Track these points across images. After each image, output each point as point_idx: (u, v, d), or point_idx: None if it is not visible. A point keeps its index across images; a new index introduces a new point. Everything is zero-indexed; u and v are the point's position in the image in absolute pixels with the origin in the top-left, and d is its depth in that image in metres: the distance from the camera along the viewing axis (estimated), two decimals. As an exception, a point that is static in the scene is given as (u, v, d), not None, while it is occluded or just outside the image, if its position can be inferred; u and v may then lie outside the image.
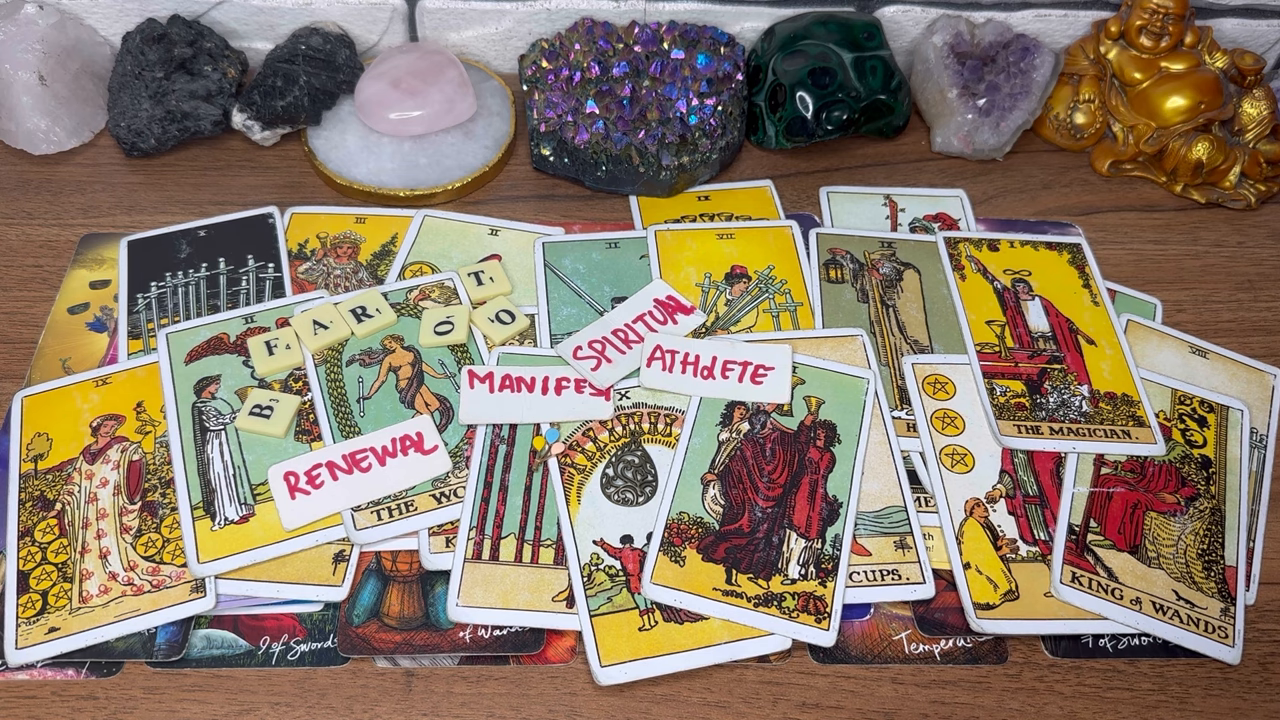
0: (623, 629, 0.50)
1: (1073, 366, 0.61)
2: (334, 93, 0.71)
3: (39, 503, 0.53)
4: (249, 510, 0.53)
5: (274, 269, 0.64)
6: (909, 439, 0.58)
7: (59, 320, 0.61)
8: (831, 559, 0.53)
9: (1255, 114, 0.73)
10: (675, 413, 0.58)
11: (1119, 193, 0.74)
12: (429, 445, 0.55)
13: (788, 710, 0.50)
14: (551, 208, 0.70)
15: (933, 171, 0.74)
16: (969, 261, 0.67)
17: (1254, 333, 0.66)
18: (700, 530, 0.53)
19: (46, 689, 0.48)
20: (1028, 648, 0.52)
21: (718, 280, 0.65)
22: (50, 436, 0.55)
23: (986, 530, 0.55)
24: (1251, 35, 0.79)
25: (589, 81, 0.71)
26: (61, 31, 0.70)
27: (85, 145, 0.71)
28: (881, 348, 0.62)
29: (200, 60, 0.71)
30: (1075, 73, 0.76)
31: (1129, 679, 0.51)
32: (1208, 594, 0.53)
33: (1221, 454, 0.59)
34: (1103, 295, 0.66)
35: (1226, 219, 0.73)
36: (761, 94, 0.73)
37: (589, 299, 0.63)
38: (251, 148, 0.72)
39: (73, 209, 0.67)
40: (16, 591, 0.50)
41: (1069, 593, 0.52)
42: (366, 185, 0.68)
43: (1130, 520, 0.56)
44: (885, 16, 0.78)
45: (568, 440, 0.57)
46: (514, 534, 0.53)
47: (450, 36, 0.78)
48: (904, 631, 0.52)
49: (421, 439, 0.56)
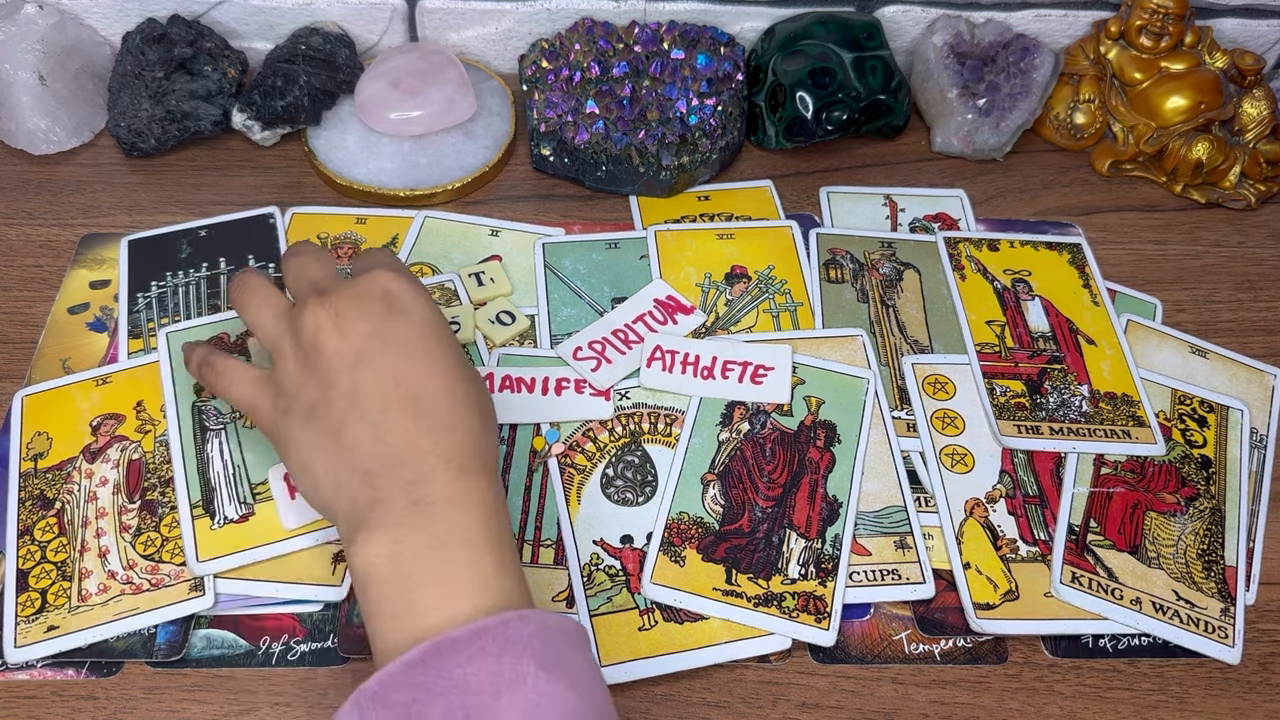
0: (623, 629, 0.50)
1: (1073, 366, 0.61)
2: (334, 93, 0.71)
3: (38, 501, 0.53)
4: (249, 509, 0.53)
5: (274, 269, 0.64)
6: (909, 439, 0.58)
7: (59, 320, 0.61)
8: (831, 559, 0.53)
9: (1255, 114, 0.73)
10: (675, 413, 0.58)
11: (1119, 193, 0.74)
12: (429, 445, 0.55)
13: (788, 710, 0.49)
14: (551, 208, 0.70)
15: (933, 171, 0.74)
16: (969, 261, 0.67)
17: (1254, 333, 0.66)
18: (700, 530, 0.53)
19: (46, 689, 0.48)
20: (1028, 648, 0.52)
21: (718, 280, 0.65)
22: (50, 436, 0.55)
23: (986, 530, 0.55)
24: (1251, 35, 0.79)
25: (589, 81, 0.71)
26: (61, 31, 0.70)
27: (85, 145, 0.71)
28: (881, 348, 0.62)
29: (200, 60, 0.71)
30: (1075, 73, 0.76)
31: (1129, 679, 0.51)
32: (1208, 594, 0.53)
33: (1221, 454, 0.59)
34: (1103, 295, 0.66)
35: (1226, 219, 0.73)
36: (761, 94, 0.73)
37: (589, 299, 0.63)
38: (251, 148, 0.72)
39: (73, 209, 0.67)
40: (16, 590, 0.50)
41: (1069, 593, 0.52)
42: (366, 185, 0.68)
43: (1130, 520, 0.56)
44: (885, 16, 0.78)
45: (568, 440, 0.57)
46: (514, 534, 0.53)
47: (450, 36, 0.78)
48: (904, 631, 0.52)
49: (421, 439, 0.55)
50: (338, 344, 0.44)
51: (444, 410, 0.44)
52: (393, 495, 0.42)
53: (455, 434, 0.43)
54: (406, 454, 0.42)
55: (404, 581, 0.40)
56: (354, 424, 0.43)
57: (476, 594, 0.40)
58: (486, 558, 0.41)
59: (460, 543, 0.41)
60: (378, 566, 0.41)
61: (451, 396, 0.44)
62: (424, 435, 0.43)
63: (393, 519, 0.41)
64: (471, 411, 0.45)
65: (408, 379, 0.44)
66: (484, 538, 0.41)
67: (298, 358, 0.45)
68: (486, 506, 0.42)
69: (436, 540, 0.41)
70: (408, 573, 0.40)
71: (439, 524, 0.41)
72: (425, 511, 0.41)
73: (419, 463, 0.42)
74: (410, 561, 0.40)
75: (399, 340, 0.44)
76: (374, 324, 0.44)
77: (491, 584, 0.40)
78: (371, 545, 0.41)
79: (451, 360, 0.45)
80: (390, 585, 0.40)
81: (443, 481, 0.42)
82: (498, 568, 0.41)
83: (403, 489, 0.42)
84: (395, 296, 0.45)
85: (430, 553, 0.41)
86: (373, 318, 0.45)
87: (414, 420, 0.43)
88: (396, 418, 0.43)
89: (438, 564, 0.40)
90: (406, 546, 0.41)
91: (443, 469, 0.42)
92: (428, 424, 0.43)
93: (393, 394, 0.43)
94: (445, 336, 0.46)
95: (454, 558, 0.41)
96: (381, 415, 0.43)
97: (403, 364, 0.44)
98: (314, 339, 0.45)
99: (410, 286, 0.46)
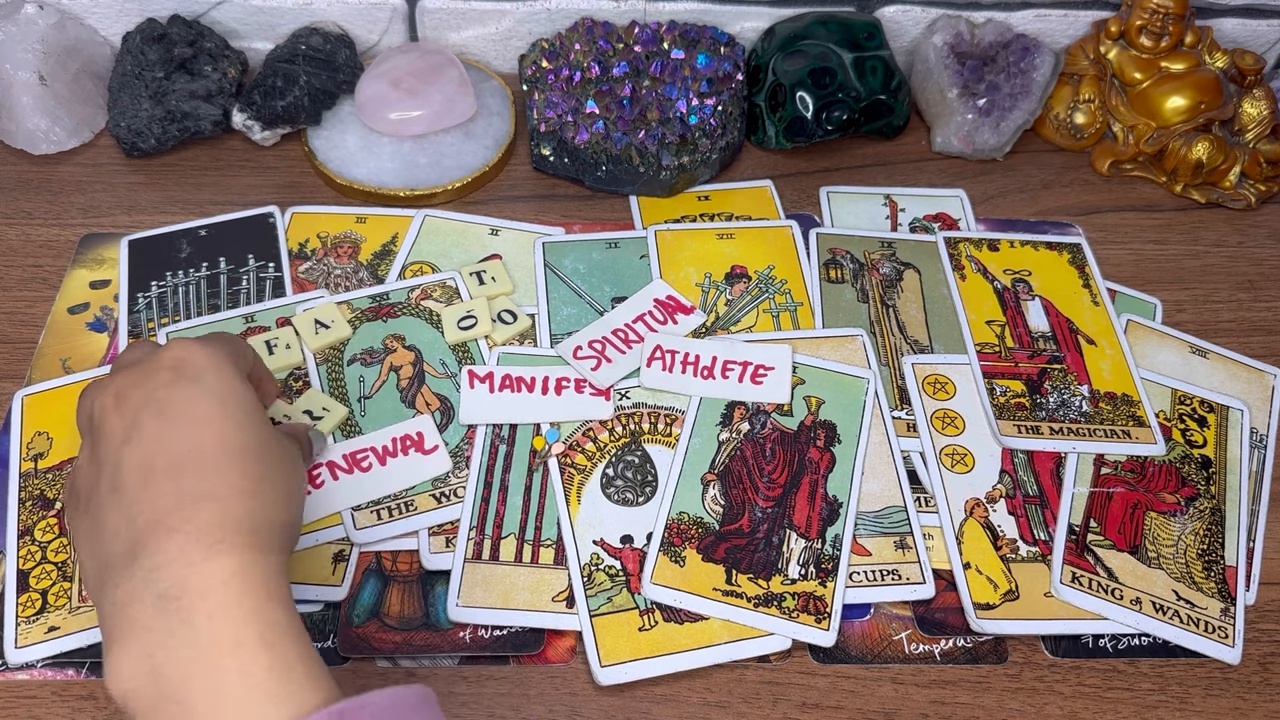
0: (623, 629, 0.50)
1: (1073, 366, 0.61)
2: (334, 93, 0.71)
3: (39, 502, 0.53)
4: (249, 510, 0.52)
5: (274, 269, 0.64)
6: (909, 439, 0.58)
7: (59, 320, 0.61)
8: (831, 559, 0.53)
9: (1255, 114, 0.73)
10: (675, 413, 0.58)
11: (1119, 193, 0.74)
12: (429, 445, 0.55)
13: (788, 710, 0.50)
14: (551, 207, 0.70)
15: (933, 171, 0.74)
16: (969, 261, 0.67)
17: (1254, 333, 0.66)
18: (700, 530, 0.53)
19: (46, 689, 0.48)
20: (1028, 648, 0.52)
21: (718, 280, 0.65)
22: (50, 436, 0.55)
23: (986, 530, 0.55)
24: (1251, 35, 0.79)
25: (589, 81, 0.71)
26: (61, 31, 0.70)
27: (85, 145, 0.71)
28: (881, 348, 0.62)
29: (200, 60, 0.71)
30: (1075, 73, 0.76)
31: (1129, 679, 0.51)
32: (1208, 594, 0.53)
33: (1221, 454, 0.59)
34: (1103, 295, 0.66)
35: (1226, 219, 0.73)
36: (761, 94, 0.73)
37: (589, 299, 0.63)
38: (251, 148, 0.72)
39: (73, 209, 0.67)
40: (16, 590, 0.50)
41: (1069, 593, 0.52)
42: (366, 185, 0.68)
43: (1130, 520, 0.56)
44: (885, 16, 0.78)
45: (568, 440, 0.57)
46: (514, 534, 0.53)
47: (450, 36, 0.78)
48: (904, 631, 0.52)
49: (422, 439, 0.56)
50: (113, 422, 0.39)
51: (210, 480, 0.37)
52: (137, 593, 0.35)
53: (218, 505, 0.36)
54: (151, 535, 0.35)
55: (171, 702, 0.33)
56: (112, 510, 0.37)
57: (261, 707, 0.33)
58: (264, 659, 0.34)
59: (227, 646, 0.34)
60: (136, 688, 0.34)
61: (225, 464, 0.38)
62: (177, 511, 0.36)
63: (142, 624, 0.34)
64: (250, 480, 0.38)
65: (177, 448, 0.37)
66: (256, 635, 0.34)
67: (87, 445, 0.41)
68: (257, 591, 0.35)
69: (195, 646, 0.34)
70: (175, 696, 0.33)
71: (194, 624, 0.34)
72: (174, 610, 0.34)
73: (163, 544, 0.35)
74: (171, 677, 0.33)
75: (177, 407, 0.38)
76: (151, 394, 0.39)
77: (279, 691, 0.34)
78: (125, 662, 0.34)
79: (242, 423, 0.39)
80: (158, 710, 0.33)
81: (191, 566, 0.35)
82: (282, 670, 0.34)
83: (145, 581, 0.35)
84: (185, 363, 0.40)
85: (194, 665, 0.34)
86: (152, 388, 0.39)
87: (171, 495, 0.36)
88: (152, 494, 0.36)
89: (205, 675, 0.33)
90: (164, 660, 0.34)
91: (193, 549, 0.35)
92: (187, 496, 0.36)
93: (155, 467, 0.37)
94: (241, 405, 0.40)
95: (221, 664, 0.34)
96: (139, 493, 0.37)
97: (174, 431, 0.38)
98: (98, 421, 0.40)
99: (207, 353, 0.41)
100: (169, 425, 0.38)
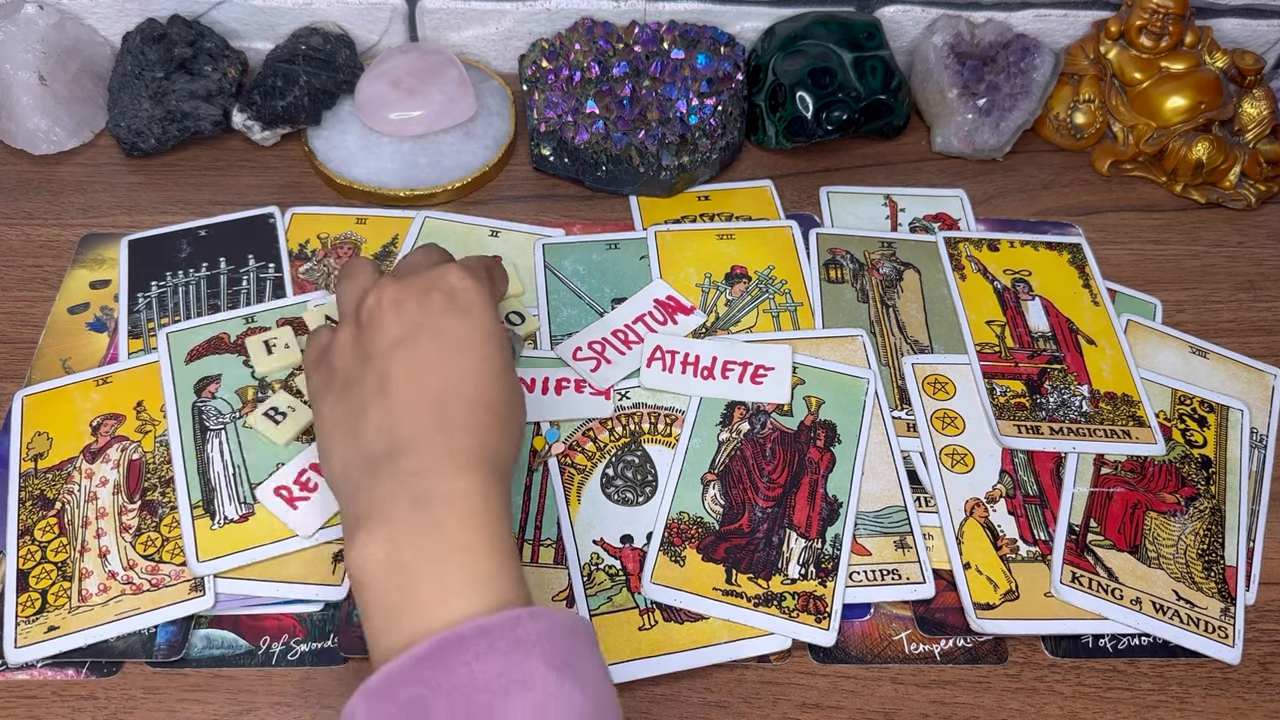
0: (623, 629, 0.50)
1: (1073, 366, 0.61)
2: (334, 93, 0.71)
3: (39, 502, 0.53)
4: (249, 510, 0.53)
5: (274, 269, 0.64)
6: (909, 439, 0.58)
7: (59, 320, 0.61)
8: (831, 559, 0.53)
9: (1255, 114, 0.73)
10: (675, 413, 0.58)
11: (1119, 193, 0.74)
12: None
13: (788, 710, 0.50)
14: (551, 208, 0.70)
15: (933, 171, 0.74)
16: (969, 261, 0.67)
17: (1254, 333, 0.66)
18: (700, 530, 0.53)
19: (46, 689, 0.48)
20: (1028, 648, 0.52)
21: (718, 280, 0.65)
22: (50, 436, 0.55)
23: (986, 530, 0.55)
24: (1251, 35, 0.79)
25: (589, 81, 0.71)
26: (61, 31, 0.70)
27: (85, 145, 0.71)
28: (881, 348, 0.62)
29: (200, 60, 0.71)
30: (1075, 73, 0.76)
31: (1129, 679, 0.51)
32: (1208, 594, 0.53)
33: (1221, 454, 0.59)
34: (1103, 295, 0.66)
35: (1226, 219, 0.73)
36: (761, 94, 0.73)
37: (589, 300, 0.63)
38: (251, 148, 0.72)
39: (73, 209, 0.67)
40: (16, 590, 0.50)
41: (1069, 593, 0.52)
42: (366, 185, 0.68)
43: (1130, 520, 0.56)
44: (885, 16, 0.78)
45: (568, 440, 0.57)
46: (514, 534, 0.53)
47: (450, 36, 0.78)
48: (904, 631, 0.52)
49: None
50: (387, 324, 0.45)
51: (466, 414, 0.43)
52: (392, 490, 0.41)
53: (470, 437, 0.43)
54: (413, 447, 0.42)
55: (400, 581, 0.40)
56: (375, 409, 0.43)
57: (475, 596, 0.39)
58: (485, 561, 0.40)
59: (458, 545, 0.40)
60: (374, 566, 0.40)
61: (480, 403, 0.44)
62: (437, 434, 0.42)
63: (391, 517, 0.41)
64: (496, 420, 0.44)
65: (443, 375, 0.44)
66: (484, 540, 0.41)
67: (352, 331, 0.46)
68: (490, 509, 0.42)
69: (434, 541, 0.40)
70: (405, 573, 0.40)
71: (438, 524, 0.40)
72: (424, 510, 0.41)
73: (424, 457, 0.42)
74: (407, 562, 0.40)
75: (448, 336, 0.44)
76: (429, 315, 0.45)
77: (491, 587, 0.40)
78: (369, 544, 0.40)
79: (494, 369, 0.45)
80: (387, 585, 0.40)
81: (444, 478, 0.41)
82: (497, 571, 0.40)
83: (402, 481, 0.41)
84: (459, 294, 0.45)
85: (428, 553, 0.40)
86: (430, 309, 0.45)
87: (432, 417, 0.43)
88: (417, 411, 0.43)
89: (436, 565, 0.40)
90: (404, 546, 0.40)
91: (448, 465, 0.42)
92: (445, 422, 0.43)
93: (421, 386, 0.43)
94: (497, 345, 0.46)
95: (451, 559, 0.40)
96: (403, 403, 0.43)
97: (443, 359, 0.44)
98: (371, 315, 0.45)
99: (478, 289, 0.46)
100: (442, 352, 0.44)
